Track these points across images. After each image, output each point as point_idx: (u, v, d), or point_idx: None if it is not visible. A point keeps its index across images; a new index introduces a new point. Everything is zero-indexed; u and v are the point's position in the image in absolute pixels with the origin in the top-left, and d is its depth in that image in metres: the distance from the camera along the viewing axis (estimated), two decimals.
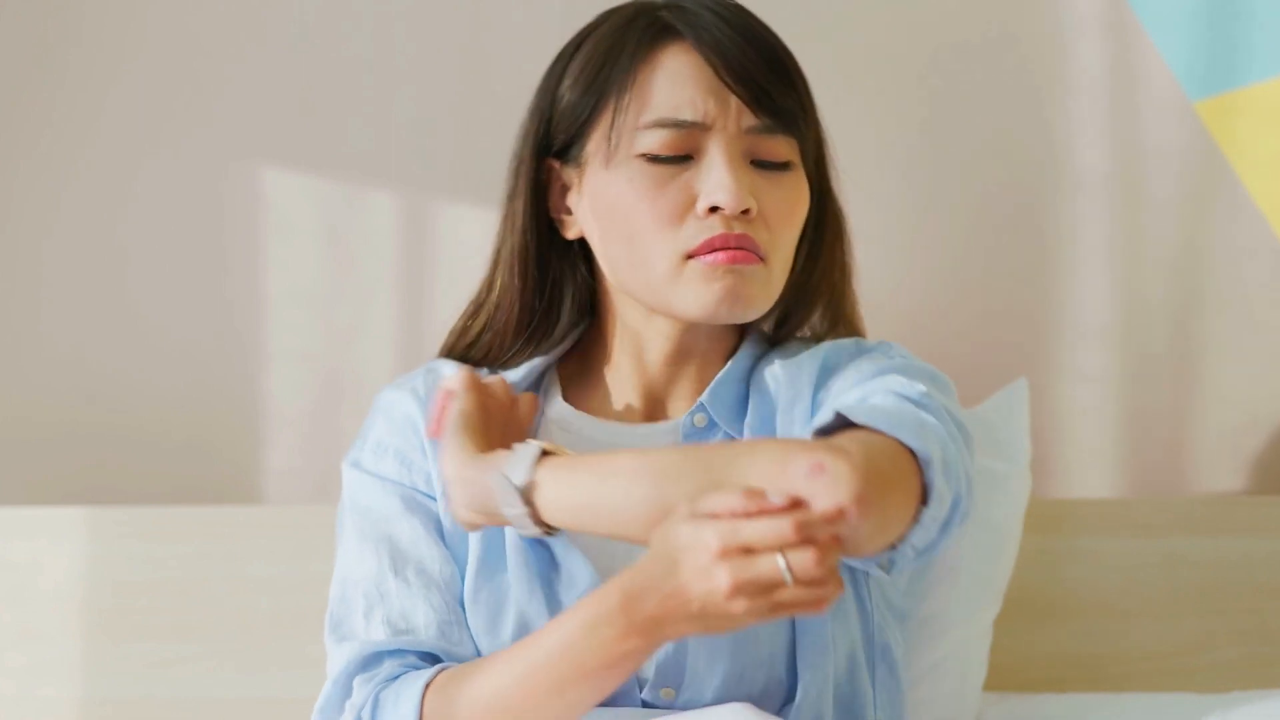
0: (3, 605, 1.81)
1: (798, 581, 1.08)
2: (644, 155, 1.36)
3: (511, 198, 1.45)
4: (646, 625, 1.16)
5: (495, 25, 1.94)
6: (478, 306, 1.48)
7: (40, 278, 1.95)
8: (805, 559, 1.08)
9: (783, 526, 1.08)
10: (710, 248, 1.35)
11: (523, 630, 1.33)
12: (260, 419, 1.94)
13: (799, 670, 1.33)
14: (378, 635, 1.34)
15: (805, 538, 1.08)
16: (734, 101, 1.36)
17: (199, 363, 1.94)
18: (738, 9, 1.41)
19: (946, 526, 1.28)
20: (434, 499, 1.41)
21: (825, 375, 1.39)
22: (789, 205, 1.39)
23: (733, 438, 1.40)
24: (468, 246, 1.93)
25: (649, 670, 1.32)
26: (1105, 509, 1.83)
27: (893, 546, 1.23)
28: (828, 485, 1.13)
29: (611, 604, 1.17)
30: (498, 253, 1.47)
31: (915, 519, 1.22)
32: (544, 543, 1.35)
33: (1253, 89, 1.89)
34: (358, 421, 1.78)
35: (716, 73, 1.36)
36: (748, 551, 1.09)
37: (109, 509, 1.82)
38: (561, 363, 1.48)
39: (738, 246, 1.35)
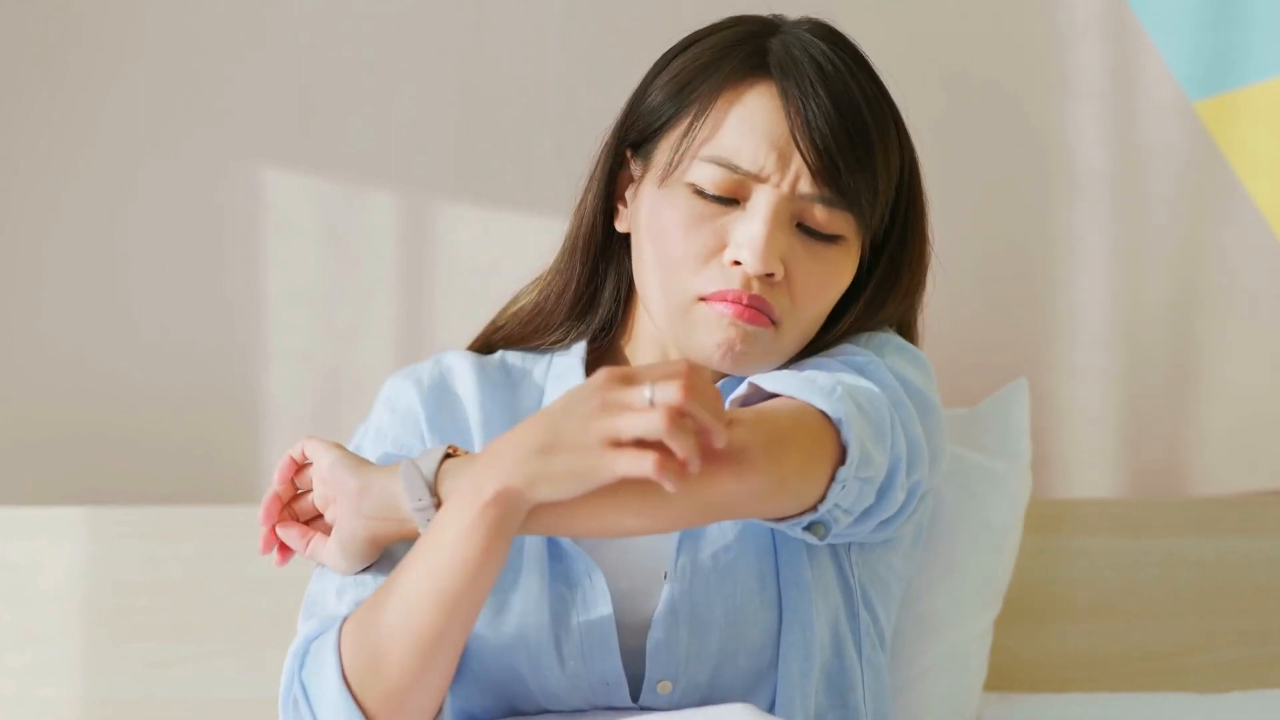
0: (3, 605, 1.80)
1: (654, 405, 1.08)
2: (692, 186, 1.35)
3: (591, 176, 1.44)
4: (492, 463, 1.15)
5: (495, 25, 1.94)
6: (538, 281, 1.49)
7: (40, 278, 1.95)
8: (670, 386, 1.09)
9: (674, 366, 1.10)
10: (722, 298, 1.33)
11: (524, 621, 1.33)
12: (260, 419, 1.94)
13: (782, 647, 1.33)
14: (343, 612, 1.32)
15: (690, 384, 1.09)
16: (797, 162, 1.33)
17: (199, 363, 1.94)
18: (850, 67, 1.35)
19: (886, 491, 1.28)
20: None
21: None
22: (822, 279, 1.36)
23: None
24: (468, 246, 1.93)
25: (642, 664, 1.32)
26: (1105, 509, 1.83)
27: (813, 509, 1.23)
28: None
29: (472, 457, 1.19)
30: (569, 229, 1.47)
31: (831, 478, 1.22)
32: (548, 540, 1.35)
33: (1253, 89, 1.89)
34: (357, 421, 1.77)
35: (790, 129, 1.33)
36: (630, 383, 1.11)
37: (109, 509, 1.82)
38: (591, 347, 1.48)
39: (749, 305, 1.33)
